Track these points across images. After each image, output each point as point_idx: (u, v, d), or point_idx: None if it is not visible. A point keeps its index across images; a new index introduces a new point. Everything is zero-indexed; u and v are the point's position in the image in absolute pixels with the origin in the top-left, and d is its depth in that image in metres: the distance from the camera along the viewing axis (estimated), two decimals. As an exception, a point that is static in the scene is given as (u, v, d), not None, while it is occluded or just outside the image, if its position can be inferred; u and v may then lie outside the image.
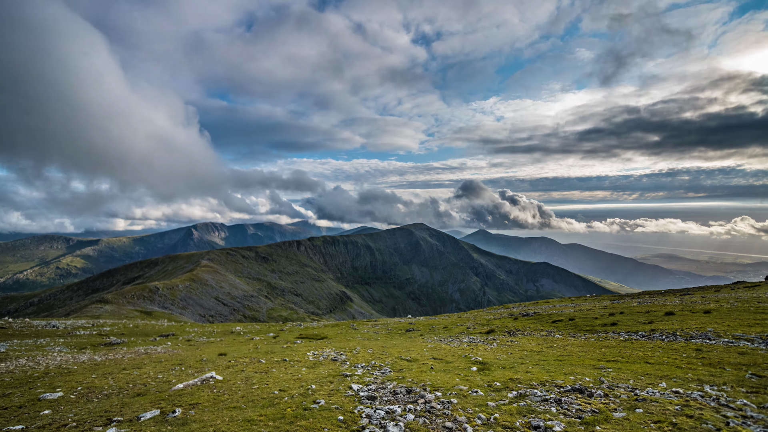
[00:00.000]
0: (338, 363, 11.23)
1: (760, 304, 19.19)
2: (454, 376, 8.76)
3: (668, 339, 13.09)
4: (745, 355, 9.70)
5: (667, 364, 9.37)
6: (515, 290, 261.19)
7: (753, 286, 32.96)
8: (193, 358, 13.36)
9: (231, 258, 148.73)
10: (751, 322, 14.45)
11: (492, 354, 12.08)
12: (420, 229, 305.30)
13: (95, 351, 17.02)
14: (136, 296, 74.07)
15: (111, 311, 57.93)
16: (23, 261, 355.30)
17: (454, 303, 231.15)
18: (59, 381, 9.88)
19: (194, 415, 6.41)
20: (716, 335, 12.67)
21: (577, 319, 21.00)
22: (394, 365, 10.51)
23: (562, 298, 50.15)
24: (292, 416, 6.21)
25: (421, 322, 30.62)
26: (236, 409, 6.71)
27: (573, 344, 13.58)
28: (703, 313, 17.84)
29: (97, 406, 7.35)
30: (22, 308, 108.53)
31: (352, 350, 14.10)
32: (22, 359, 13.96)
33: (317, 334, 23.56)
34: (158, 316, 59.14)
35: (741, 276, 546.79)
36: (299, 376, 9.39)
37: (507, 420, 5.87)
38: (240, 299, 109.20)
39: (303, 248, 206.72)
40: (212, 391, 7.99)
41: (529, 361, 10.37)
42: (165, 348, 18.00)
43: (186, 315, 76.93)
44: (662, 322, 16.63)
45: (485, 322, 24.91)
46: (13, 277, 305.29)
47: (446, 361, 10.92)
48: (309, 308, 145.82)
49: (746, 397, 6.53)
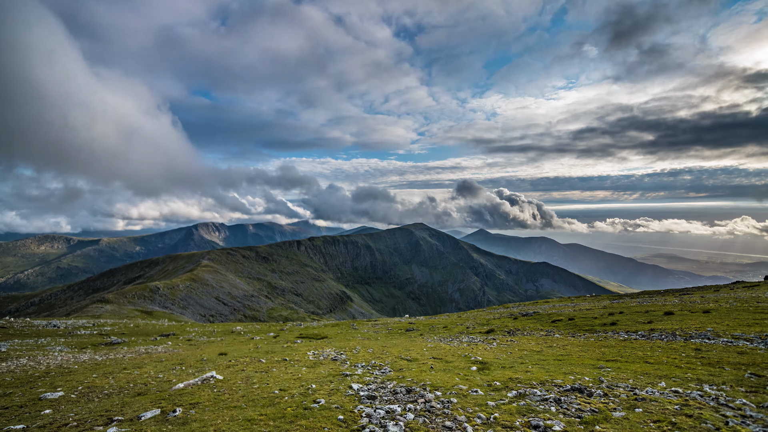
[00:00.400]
0: (338, 362, 11.25)
1: (759, 303, 19.18)
2: (454, 376, 8.77)
3: (667, 339, 13.08)
4: (744, 354, 9.71)
5: (666, 363, 9.37)
6: (515, 290, 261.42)
7: (752, 286, 32.93)
8: (193, 358, 13.38)
9: (231, 258, 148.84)
10: (750, 321, 14.45)
11: (492, 353, 12.09)
12: (420, 229, 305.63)
13: (96, 350, 17.05)
14: (137, 296, 74.16)
15: (112, 311, 58.02)
16: (24, 261, 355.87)
17: (454, 303, 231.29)
18: (60, 380, 9.91)
19: (195, 415, 6.43)
20: (715, 335, 12.66)
21: (577, 318, 21.01)
22: (394, 365, 10.53)
23: (561, 297, 50.16)
24: (293, 416, 6.22)
25: (421, 321, 30.64)
26: (237, 408, 6.72)
27: (572, 344, 13.58)
28: (703, 313, 17.84)
29: (98, 406, 7.37)
30: (23, 308, 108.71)
31: (353, 350, 14.12)
32: (23, 359, 14.00)
33: (317, 333, 23.59)
34: (159, 315, 59.22)
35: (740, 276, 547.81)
36: (299, 375, 9.41)
37: (507, 419, 5.88)
38: (240, 299, 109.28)
39: (303, 248, 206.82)
40: (213, 390, 8.01)
41: (529, 361, 10.38)
42: (165, 347, 18.03)
43: (186, 315, 77.02)
44: (661, 322, 16.63)
45: (485, 322, 24.93)
46: (14, 277, 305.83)
47: (446, 360, 10.93)
48: (309, 308, 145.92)
49: (745, 396, 6.53)
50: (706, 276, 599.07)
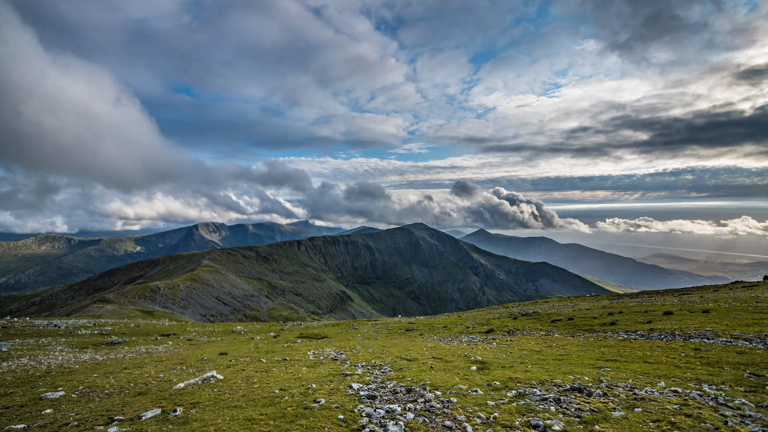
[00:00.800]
0: (338, 362, 11.28)
1: (758, 303, 19.20)
2: (454, 376, 8.79)
3: (667, 338, 13.11)
4: (743, 354, 9.72)
5: (665, 363, 9.39)
6: (514, 290, 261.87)
7: (751, 285, 33.00)
8: (194, 358, 13.41)
9: (232, 258, 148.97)
10: (749, 321, 14.46)
11: (491, 353, 12.11)
12: (420, 229, 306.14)
13: (97, 350, 17.09)
14: (138, 296, 74.26)
15: (112, 311, 58.11)
16: (25, 261, 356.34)
17: (454, 303, 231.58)
18: (61, 380, 9.94)
19: (195, 414, 6.45)
20: (714, 335, 12.69)
21: (576, 318, 21.04)
22: (394, 364, 10.55)
23: (561, 297, 50.23)
24: (293, 415, 6.24)
25: (421, 321, 30.69)
26: (237, 408, 6.75)
27: (572, 344, 13.61)
28: (702, 313, 17.85)
29: (99, 405, 7.40)
30: (24, 308, 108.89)
31: (353, 349, 14.14)
32: (24, 358, 14.03)
33: (318, 333, 23.63)
34: (159, 315, 59.29)
35: (739, 276, 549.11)
36: (300, 375, 9.43)
37: (506, 419, 5.90)
38: (241, 299, 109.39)
39: (303, 248, 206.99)
40: (213, 390, 8.04)
41: (529, 361, 10.39)
42: (166, 347, 18.07)
43: (187, 314, 77.10)
44: (661, 322, 16.66)
45: (485, 322, 24.96)
46: (15, 277, 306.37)
47: (446, 360, 10.95)
48: (309, 308, 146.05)
49: (744, 396, 6.54)
50: (706, 276, 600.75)
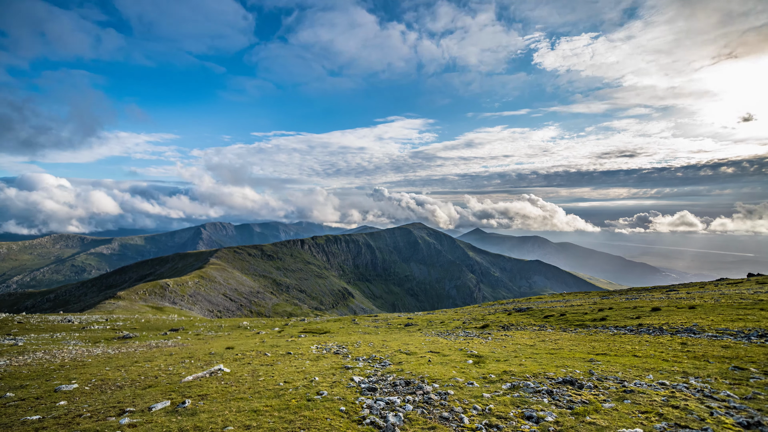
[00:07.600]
0: (340, 356, 11.59)
1: (742, 300, 19.28)
2: (451, 369, 9.02)
3: (655, 333, 13.42)
4: (728, 348, 9.91)
5: (654, 357, 9.56)
6: (509, 287, 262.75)
7: (735, 282, 33.56)
8: (201, 352, 13.79)
9: (238, 256, 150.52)
10: (733, 317, 14.71)
11: (487, 348, 12.36)
12: (418, 229, 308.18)
13: (108, 345, 17.62)
14: (148, 292, 75.62)
15: (124, 307, 59.33)
16: (40, 259, 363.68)
17: (451, 299, 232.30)
18: (74, 373, 10.31)
19: (203, 406, 6.74)
20: (701, 330, 12.97)
21: (568, 314, 21.22)
22: (394, 358, 10.82)
23: (553, 294, 50.33)
24: (297, 407, 6.52)
25: (420, 317, 31.04)
26: (243, 400, 7.03)
27: (564, 338, 13.92)
28: (688, 309, 18.01)
29: (111, 397, 7.73)
30: (39, 304, 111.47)
31: (354, 344, 14.47)
32: (39, 352, 14.53)
33: (320, 328, 24.04)
34: (169, 311, 60.39)
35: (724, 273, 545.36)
36: (303, 368, 9.73)
37: (501, 410, 6.12)
38: (247, 295, 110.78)
39: (307, 246, 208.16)
40: (220, 382, 8.35)
41: (523, 355, 10.61)
42: (175, 342, 18.56)
43: (195, 310, 78.41)
44: (649, 318, 16.91)
45: (480, 318, 25.20)
46: (30, 274, 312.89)
47: (443, 354, 11.20)
48: (312, 304, 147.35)
49: (729, 388, 6.70)
50: (692, 273, 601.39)
